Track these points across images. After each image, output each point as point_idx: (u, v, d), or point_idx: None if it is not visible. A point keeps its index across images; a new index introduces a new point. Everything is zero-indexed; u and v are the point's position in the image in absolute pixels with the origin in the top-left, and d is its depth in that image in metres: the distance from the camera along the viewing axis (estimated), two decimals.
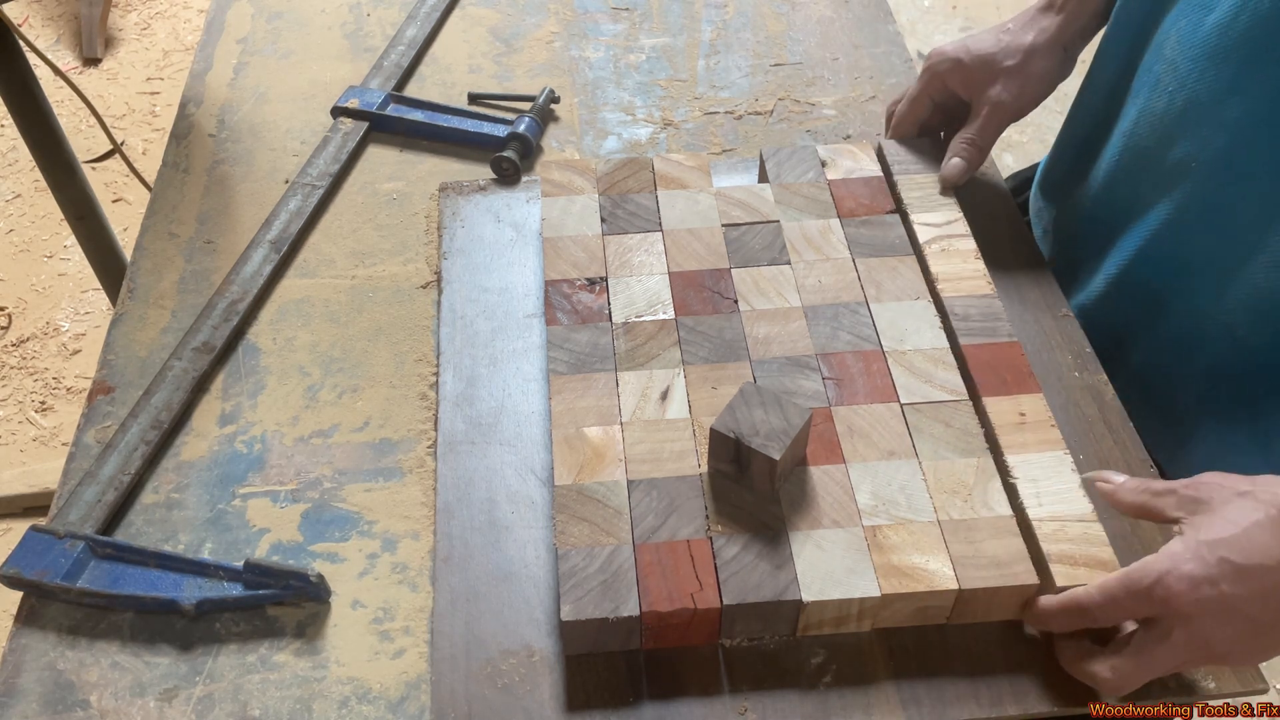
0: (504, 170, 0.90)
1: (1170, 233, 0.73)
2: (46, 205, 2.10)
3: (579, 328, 0.73)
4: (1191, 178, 0.70)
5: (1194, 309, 0.73)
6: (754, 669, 0.61)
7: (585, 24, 1.09)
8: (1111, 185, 0.78)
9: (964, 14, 2.57)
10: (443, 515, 0.68)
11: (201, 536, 0.68)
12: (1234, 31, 0.64)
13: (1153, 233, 0.74)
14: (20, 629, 0.64)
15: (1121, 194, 0.77)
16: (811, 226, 0.79)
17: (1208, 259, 0.71)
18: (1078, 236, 0.84)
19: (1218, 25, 0.66)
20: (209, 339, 0.78)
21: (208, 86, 1.03)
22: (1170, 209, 0.72)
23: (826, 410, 0.68)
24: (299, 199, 0.89)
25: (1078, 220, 0.84)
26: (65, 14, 2.54)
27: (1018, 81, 0.80)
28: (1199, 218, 0.71)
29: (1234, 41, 0.65)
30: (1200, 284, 0.72)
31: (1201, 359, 0.74)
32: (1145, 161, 0.74)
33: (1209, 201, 0.70)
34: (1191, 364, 0.75)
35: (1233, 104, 0.66)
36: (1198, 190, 0.70)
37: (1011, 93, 0.80)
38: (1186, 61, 0.68)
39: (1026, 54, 0.79)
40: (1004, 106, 0.80)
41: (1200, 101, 0.68)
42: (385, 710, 0.61)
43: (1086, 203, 0.82)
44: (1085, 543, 0.61)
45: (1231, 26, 0.65)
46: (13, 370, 1.86)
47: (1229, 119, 0.66)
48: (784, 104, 0.99)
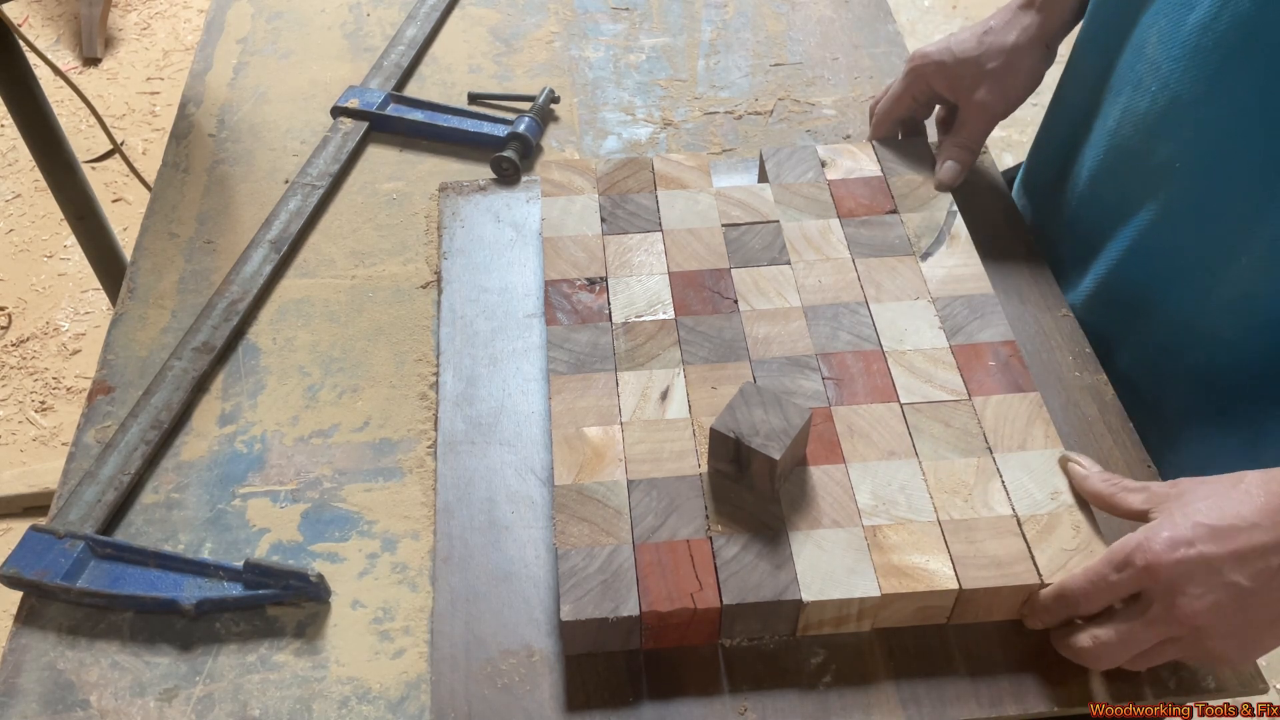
0: (504, 170, 0.90)
1: (1156, 233, 0.73)
2: (46, 205, 2.10)
3: (579, 328, 0.73)
4: (1176, 178, 0.70)
5: (1181, 311, 0.73)
6: (754, 669, 0.61)
7: (585, 24, 1.09)
8: (1095, 186, 0.78)
9: (964, 14, 2.57)
10: (443, 515, 0.68)
11: (201, 536, 0.68)
12: (1215, 30, 0.64)
13: (1139, 233, 0.74)
14: (20, 629, 0.64)
15: (1106, 194, 0.77)
16: (811, 226, 0.79)
17: (1193, 260, 0.71)
18: (1063, 238, 0.84)
19: (1199, 24, 0.66)
20: (209, 339, 0.78)
21: (208, 86, 1.03)
22: (1155, 209, 0.72)
23: (826, 410, 0.68)
24: (299, 199, 0.89)
25: (1062, 221, 0.84)
26: (65, 14, 2.55)
27: (1002, 83, 0.80)
28: (1184, 218, 0.71)
29: (1215, 40, 0.65)
30: (1186, 286, 0.72)
31: (1188, 361, 0.74)
32: (1129, 162, 0.74)
33: (1193, 202, 0.70)
34: (1178, 366, 0.75)
35: (1215, 103, 0.66)
36: (1182, 190, 0.70)
37: (997, 95, 0.81)
38: (1168, 61, 0.68)
39: (1009, 54, 0.80)
40: (991, 108, 0.81)
41: (1182, 101, 0.68)
42: (385, 710, 0.61)
43: (1071, 203, 0.82)
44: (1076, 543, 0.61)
45: (1213, 26, 0.65)
46: (13, 370, 1.86)
47: (1212, 118, 0.66)
48: (784, 104, 0.99)
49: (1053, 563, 0.60)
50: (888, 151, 0.85)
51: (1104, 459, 0.70)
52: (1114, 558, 0.57)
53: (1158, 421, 0.77)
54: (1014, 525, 0.62)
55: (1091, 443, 0.71)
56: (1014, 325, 0.78)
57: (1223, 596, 0.54)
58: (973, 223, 0.82)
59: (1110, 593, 0.57)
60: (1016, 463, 0.65)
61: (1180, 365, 0.75)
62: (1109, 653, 0.57)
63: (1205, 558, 0.54)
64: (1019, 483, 0.64)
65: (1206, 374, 0.73)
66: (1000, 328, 0.72)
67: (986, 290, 0.75)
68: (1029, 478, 0.64)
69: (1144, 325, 0.76)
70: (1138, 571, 0.55)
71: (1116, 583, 0.56)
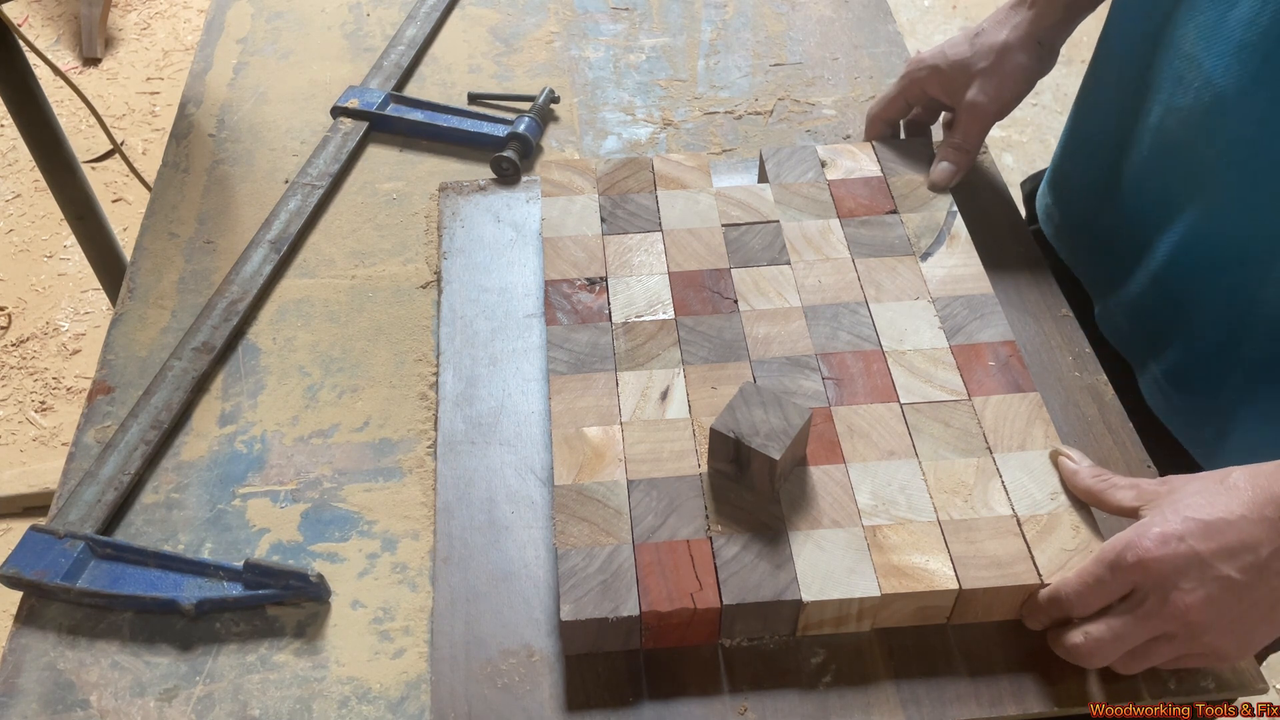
0: (504, 170, 0.90)
1: (1206, 227, 0.73)
2: (46, 205, 2.10)
3: (579, 328, 0.73)
4: (1224, 171, 0.70)
5: (1235, 302, 0.73)
6: (754, 669, 0.61)
7: (585, 24, 1.09)
8: (1142, 183, 0.78)
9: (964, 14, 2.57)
10: (443, 515, 0.68)
11: (201, 536, 0.68)
12: (1260, 24, 0.65)
13: (1189, 228, 0.74)
14: (20, 629, 0.64)
15: (1154, 192, 0.77)
16: (811, 226, 0.79)
17: (1246, 251, 0.71)
18: (1109, 237, 0.84)
19: (1243, 20, 0.66)
20: (209, 339, 0.78)
21: (208, 86, 1.03)
22: (1205, 203, 0.72)
23: (826, 410, 0.68)
24: (299, 199, 0.89)
25: (1107, 221, 0.83)
26: (65, 14, 2.55)
27: (994, 82, 0.80)
28: (1234, 210, 0.71)
29: (1259, 34, 0.65)
30: (1239, 277, 0.72)
31: (1243, 352, 0.74)
32: (1176, 158, 0.74)
33: (1243, 193, 0.69)
34: (1233, 357, 0.75)
35: (1260, 96, 0.66)
36: (1231, 183, 0.70)
37: (988, 94, 0.81)
38: (1210, 57, 0.68)
39: (999, 53, 0.80)
40: (982, 108, 0.81)
41: (1227, 96, 0.68)
42: (385, 710, 0.61)
43: (1115, 203, 0.82)
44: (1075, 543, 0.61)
45: (1257, 20, 0.65)
46: (13, 370, 1.86)
47: (1258, 111, 0.66)
48: (784, 104, 0.99)
49: (1053, 563, 0.60)
50: (888, 151, 0.85)
51: (1104, 459, 0.70)
52: (1105, 556, 0.57)
53: (1210, 414, 0.77)
54: (1014, 525, 0.62)
55: (1091, 443, 0.71)
56: (1014, 325, 0.78)
57: (1214, 590, 0.54)
58: (973, 223, 0.82)
59: (1103, 591, 0.57)
60: (1016, 463, 0.65)
61: (1236, 356, 0.74)
62: (1102, 649, 0.57)
63: (1196, 552, 0.54)
64: (1019, 483, 0.64)
65: (1262, 363, 0.73)
66: (1000, 328, 0.72)
67: (986, 290, 0.75)
68: (1029, 478, 0.64)
69: (1198, 317, 0.76)
70: (1129, 568, 0.56)
71: (1109, 581, 0.57)
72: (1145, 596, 0.56)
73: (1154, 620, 0.56)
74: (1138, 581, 0.56)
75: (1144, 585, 0.56)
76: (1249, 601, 0.54)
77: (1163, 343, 0.79)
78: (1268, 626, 0.56)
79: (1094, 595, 0.57)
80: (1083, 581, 0.57)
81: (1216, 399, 0.77)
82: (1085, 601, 0.58)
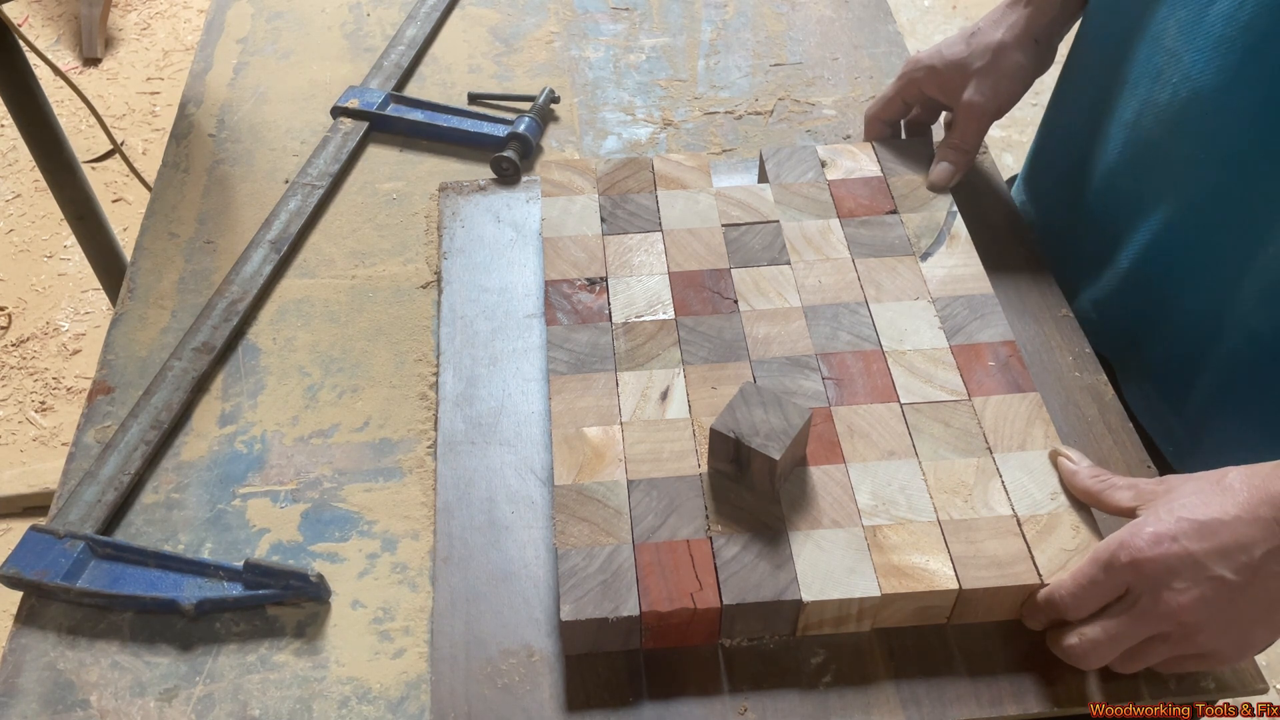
0: (504, 170, 0.90)
1: (1181, 225, 0.73)
2: (46, 205, 2.10)
3: (579, 328, 0.73)
4: (1199, 169, 0.70)
5: (1208, 302, 0.73)
6: (754, 669, 0.61)
7: (585, 24, 1.09)
8: (1114, 180, 0.78)
9: (964, 14, 2.57)
10: (443, 515, 0.68)
11: (201, 536, 0.68)
12: (1239, 20, 0.64)
13: (1163, 226, 0.74)
14: (20, 629, 0.64)
15: (1126, 188, 0.77)
16: (811, 227, 0.79)
17: (1220, 250, 0.71)
18: (1079, 233, 0.84)
19: (1223, 15, 0.65)
20: (209, 339, 0.79)
21: (208, 86, 1.03)
22: (1179, 201, 0.72)
23: (826, 410, 0.68)
24: (299, 199, 0.89)
25: (1077, 217, 0.84)
26: (65, 14, 2.55)
27: (990, 81, 0.80)
28: (1209, 209, 0.70)
29: (1240, 30, 0.65)
30: (1213, 276, 0.72)
31: (1216, 352, 0.74)
32: (1151, 155, 0.74)
33: (1218, 192, 0.69)
34: (1206, 358, 0.75)
35: (1240, 93, 0.66)
36: (1206, 181, 0.70)
37: (985, 93, 0.80)
38: (1190, 52, 0.68)
39: (996, 52, 0.80)
40: (980, 107, 0.81)
41: (1205, 92, 0.67)
42: (385, 710, 0.61)
43: (1087, 198, 0.82)
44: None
45: (1236, 15, 0.64)
46: (13, 370, 1.86)
47: (1236, 109, 0.66)
48: (784, 104, 0.99)
49: (1053, 563, 0.60)
50: (888, 152, 0.85)
51: (1104, 459, 0.70)
52: (1099, 556, 0.57)
53: (1184, 413, 0.77)
54: (1014, 525, 0.62)
55: (1091, 443, 0.71)
56: (1014, 325, 0.78)
57: (1208, 590, 0.54)
58: (973, 223, 0.82)
59: (1097, 592, 0.57)
60: (1016, 463, 0.65)
61: (1208, 356, 0.74)
62: (1097, 650, 0.57)
63: (1189, 552, 0.54)
64: (1019, 483, 0.64)
65: (1234, 364, 0.73)
66: (1000, 328, 0.72)
67: (986, 290, 0.75)
68: (1029, 478, 0.64)
69: (1172, 317, 0.76)
70: (1122, 568, 0.56)
71: (1103, 581, 0.57)
72: (1139, 597, 0.56)
73: (1148, 620, 0.56)
74: (1131, 582, 0.56)
75: (1137, 585, 0.56)
76: (1243, 602, 0.54)
77: (1136, 342, 0.79)
78: (1265, 628, 0.56)
79: (1088, 596, 0.57)
80: (1077, 582, 0.58)
81: (1189, 398, 0.77)
82: (1080, 602, 0.58)
